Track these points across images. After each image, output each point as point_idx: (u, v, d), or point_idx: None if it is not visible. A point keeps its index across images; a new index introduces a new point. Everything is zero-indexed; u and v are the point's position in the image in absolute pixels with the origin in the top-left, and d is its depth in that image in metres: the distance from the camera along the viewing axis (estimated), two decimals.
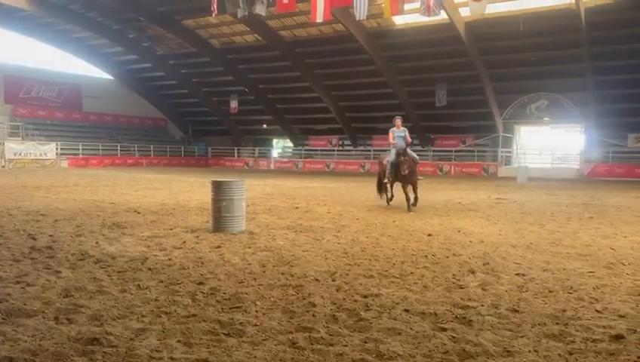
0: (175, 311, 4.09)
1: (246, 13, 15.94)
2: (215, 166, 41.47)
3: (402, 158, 10.87)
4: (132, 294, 4.51)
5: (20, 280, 4.87)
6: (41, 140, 34.17)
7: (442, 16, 23.11)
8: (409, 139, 11.45)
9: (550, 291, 4.77)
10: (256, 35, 31.72)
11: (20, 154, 31.94)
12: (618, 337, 3.57)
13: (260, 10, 15.44)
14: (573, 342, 3.51)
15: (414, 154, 11.52)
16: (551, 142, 37.70)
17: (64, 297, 4.39)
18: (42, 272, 5.21)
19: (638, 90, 26.46)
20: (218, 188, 7.70)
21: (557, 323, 3.86)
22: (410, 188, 11.14)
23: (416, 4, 16.28)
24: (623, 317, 4.03)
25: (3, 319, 3.81)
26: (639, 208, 12.22)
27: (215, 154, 44.13)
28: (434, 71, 30.31)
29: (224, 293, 4.58)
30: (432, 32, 27.22)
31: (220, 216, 7.67)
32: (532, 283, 5.07)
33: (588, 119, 29.04)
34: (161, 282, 4.93)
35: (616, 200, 14.54)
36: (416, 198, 11.18)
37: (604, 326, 3.80)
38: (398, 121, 11.60)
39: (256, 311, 4.10)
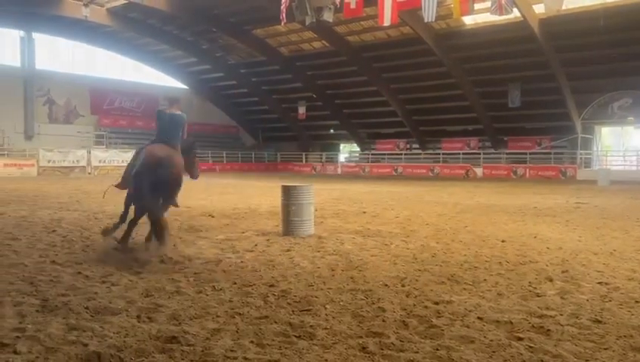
0: (248, 312, 4.20)
1: (314, 21, 16.18)
2: (284, 171, 42.25)
3: None
4: (207, 295, 4.69)
5: (105, 280, 5.19)
6: (123, 148, 36.27)
7: (515, 14, 22.31)
8: None
9: (637, 301, 4.47)
10: (323, 42, 32.09)
11: (104, 161, 34.08)
12: None
13: (328, 16, 15.62)
14: None
15: None
16: (636, 143, 35.27)
17: (145, 297, 4.63)
18: (125, 273, 5.53)
19: None
20: (287, 192, 7.85)
21: None
22: None
23: (487, 4, 15.83)
24: None
25: (91, 316, 4.08)
26: None
27: (284, 159, 44.98)
28: (506, 71, 29.27)
29: (294, 296, 4.65)
30: (503, 31, 26.31)
31: (289, 220, 7.81)
32: (616, 292, 4.77)
33: None
34: (235, 284, 5.08)
35: None
36: None
37: None
38: None
39: (326, 315, 4.13)
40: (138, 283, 5.08)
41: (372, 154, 39.97)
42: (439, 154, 36.28)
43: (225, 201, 13.96)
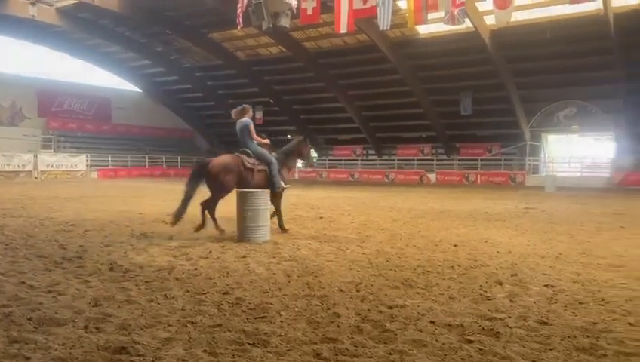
0: (201, 320, 4.13)
1: (270, 26, 16.11)
2: None
3: None
4: (159, 304, 4.58)
5: (52, 289, 4.99)
6: (72, 152, 35.04)
7: (467, 24, 22.98)
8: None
9: (581, 303, 4.66)
10: (280, 47, 32.05)
11: (52, 165, 32.77)
12: None
13: (284, 22, 15.59)
14: (604, 355, 3.42)
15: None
16: (580, 151, 36.92)
17: (93, 306, 4.48)
18: (72, 281, 5.33)
19: None
20: (243, 198, 7.77)
21: (588, 336, 3.76)
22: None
23: (441, 14, 16.20)
24: None
25: (35, 328, 3.91)
26: None
27: None
28: (459, 79, 30.07)
29: (249, 303, 4.61)
30: (456, 41, 27.03)
31: (245, 226, 7.73)
32: (562, 294, 4.96)
33: (619, 127, 28.34)
34: (188, 292, 4.99)
35: None
36: None
37: (637, 340, 3.69)
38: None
39: (281, 322, 4.11)
40: (86, 292, 4.91)
41: (329, 160, 40.17)
42: (394, 160, 36.86)
43: None
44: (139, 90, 42.56)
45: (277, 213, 8.77)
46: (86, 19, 31.59)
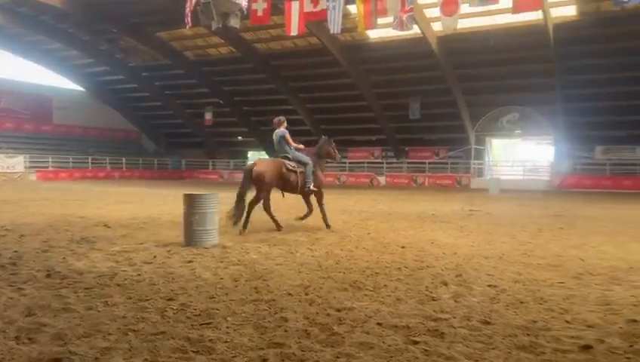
0: (143, 328, 3.98)
1: (220, 26, 15.87)
2: (189, 179, 41.02)
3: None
4: (99, 311, 4.38)
5: None
6: (9, 153, 33.31)
7: (415, 30, 23.49)
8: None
9: (521, 302, 4.81)
10: (231, 48, 31.70)
11: None
12: (587, 347, 3.61)
13: (234, 22, 15.39)
14: (543, 353, 3.53)
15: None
16: (522, 154, 38.47)
17: (27, 316, 4.24)
18: (5, 290, 5.03)
19: (603, 103, 27.26)
20: (190, 201, 7.58)
21: (528, 335, 3.88)
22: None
23: (390, 19, 16.46)
24: (592, 327, 4.08)
25: None
26: (606, 219, 12.51)
27: (189, 166, 43.67)
28: (408, 84, 30.71)
29: (194, 309, 4.49)
30: (405, 46, 27.61)
31: (191, 230, 7.55)
32: (504, 294, 5.11)
33: (557, 132, 29.74)
34: (130, 298, 4.81)
35: (584, 211, 14.86)
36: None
37: (573, 337, 3.83)
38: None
39: (227, 327, 4.02)
40: (20, 301, 4.65)
41: None
42: (346, 163, 37.17)
43: (123, 210, 13.24)
44: (82, 89, 41.00)
45: (308, 209, 10.19)
46: (25, 14, 30.16)
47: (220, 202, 8.19)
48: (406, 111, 31.65)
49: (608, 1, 18.75)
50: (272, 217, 9.66)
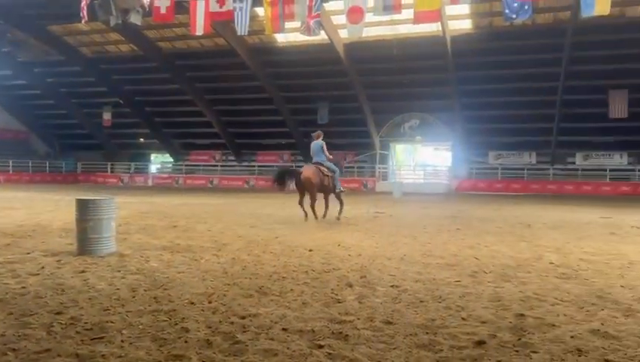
0: (25, 346, 3.61)
1: (120, 22, 15.07)
2: (86, 183, 38.52)
3: None
4: None
5: None
6: None
7: (323, 36, 23.88)
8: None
9: (421, 301, 4.97)
10: (132, 45, 30.28)
11: None
12: (480, 343, 3.80)
13: (135, 19, 14.68)
14: (441, 350, 3.66)
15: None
16: (423, 159, 40.43)
17: None
18: None
19: (496, 111, 29.38)
20: (84, 207, 7.07)
21: (427, 333, 4.01)
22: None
23: (297, 23, 16.56)
24: (485, 323, 4.31)
25: None
26: (499, 219, 13.44)
27: (86, 170, 40.99)
28: (316, 89, 31.13)
29: (86, 323, 4.16)
30: (313, 52, 27.97)
31: (85, 238, 7.03)
32: (405, 294, 5.26)
33: (455, 138, 31.61)
34: (11, 314, 4.36)
35: (479, 212, 15.87)
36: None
37: (468, 333, 4.02)
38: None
39: (122, 341, 3.76)
40: None
41: (186, 165, 38.86)
42: (255, 166, 36.87)
43: (8, 217, 12.09)
44: None
45: (340, 205, 12.49)
46: None
47: (119, 207, 7.72)
48: (314, 115, 32.05)
49: (500, 17, 20.24)
50: (314, 210, 11.79)
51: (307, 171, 11.55)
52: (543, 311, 4.67)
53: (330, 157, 12.24)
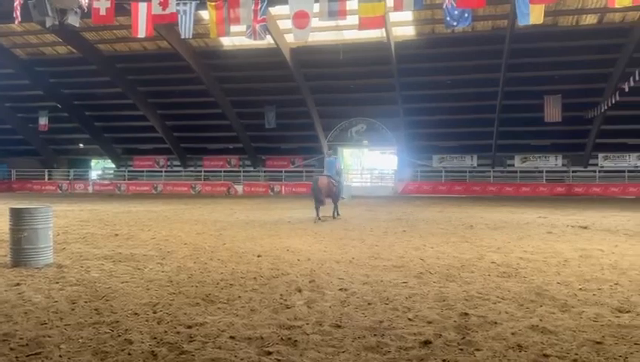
0: None
1: (56, 23, 14.38)
2: (21, 191, 36.60)
3: None
4: None
5: None
6: None
7: (269, 40, 23.79)
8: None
9: (369, 303, 5.03)
10: (69, 47, 29.07)
11: None
12: (427, 343, 3.88)
13: (73, 20, 14.05)
14: (389, 351, 3.71)
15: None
16: (370, 163, 41.06)
17: None
18: None
19: (439, 116, 30.21)
20: (18, 216, 6.71)
21: (375, 335, 4.05)
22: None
23: (243, 27, 16.41)
24: (431, 323, 4.41)
25: None
26: (443, 221, 13.81)
27: (20, 177, 38.89)
28: (263, 93, 30.95)
29: (21, 338, 3.95)
30: (259, 56, 27.81)
31: (20, 249, 6.68)
32: (353, 297, 5.30)
33: (400, 142, 32.24)
34: None
35: (424, 214, 16.25)
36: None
37: (414, 334, 4.10)
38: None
39: (60, 356, 3.59)
40: None
41: (129, 171, 37.65)
42: (201, 171, 36.20)
43: None
44: None
45: (335, 207, 14.95)
46: None
47: (57, 216, 7.38)
48: (262, 120, 31.85)
49: (442, 24, 20.84)
50: (317, 210, 13.98)
51: (322, 181, 14.32)
52: (485, 309, 4.83)
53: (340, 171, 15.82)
